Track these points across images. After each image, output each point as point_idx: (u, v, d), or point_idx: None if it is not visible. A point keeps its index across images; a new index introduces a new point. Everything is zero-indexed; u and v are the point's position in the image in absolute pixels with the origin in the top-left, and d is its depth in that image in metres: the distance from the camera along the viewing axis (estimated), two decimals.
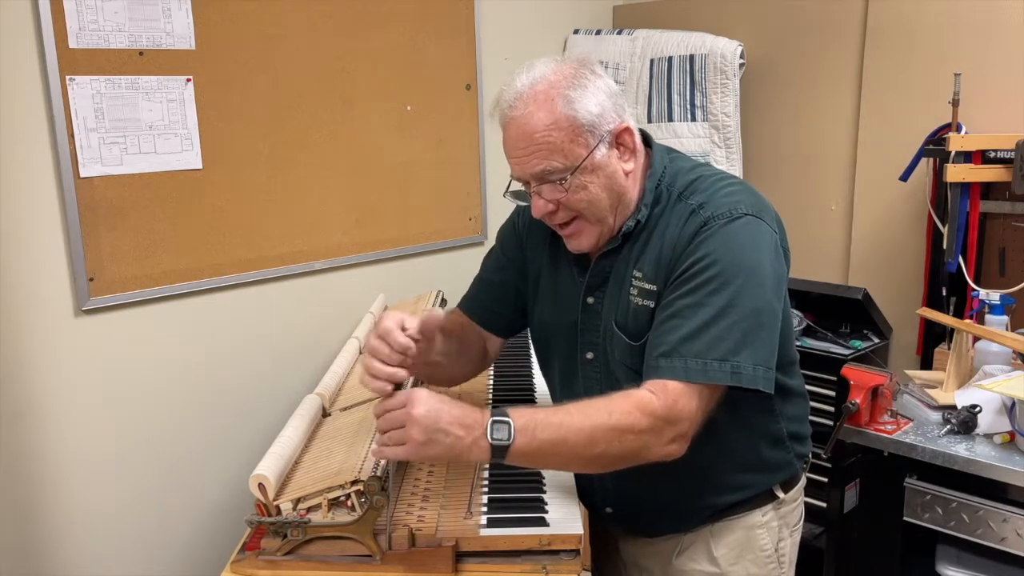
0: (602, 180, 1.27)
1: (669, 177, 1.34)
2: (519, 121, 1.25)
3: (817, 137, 2.68)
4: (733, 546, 1.39)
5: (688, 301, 1.22)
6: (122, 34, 1.91)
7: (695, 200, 1.28)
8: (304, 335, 2.33)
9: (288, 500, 1.28)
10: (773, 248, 1.27)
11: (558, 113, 1.23)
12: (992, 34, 2.26)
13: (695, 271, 1.23)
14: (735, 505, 1.39)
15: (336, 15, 2.27)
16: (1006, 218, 2.27)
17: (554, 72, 1.26)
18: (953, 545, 1.96)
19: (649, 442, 1.18)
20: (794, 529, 1.48)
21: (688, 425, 1.20)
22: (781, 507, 1.42)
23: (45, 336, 1.88)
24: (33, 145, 1.82)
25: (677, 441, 1.20)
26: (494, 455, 1.15)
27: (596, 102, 1.24)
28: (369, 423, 1.48)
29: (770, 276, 1.25)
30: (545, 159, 1.25)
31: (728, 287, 1.20)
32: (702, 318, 1.20)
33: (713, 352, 1.19)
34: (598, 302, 1.38)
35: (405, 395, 1.16)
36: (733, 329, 1.19)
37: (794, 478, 1.45)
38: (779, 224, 1.32)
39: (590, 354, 1.40)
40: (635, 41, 2.85)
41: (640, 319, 1.30)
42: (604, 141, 1.26)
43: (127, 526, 2.05)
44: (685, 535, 1.41)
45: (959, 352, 2.07)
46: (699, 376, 1.18)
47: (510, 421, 1.15)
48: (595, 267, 1.37)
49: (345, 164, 2.35)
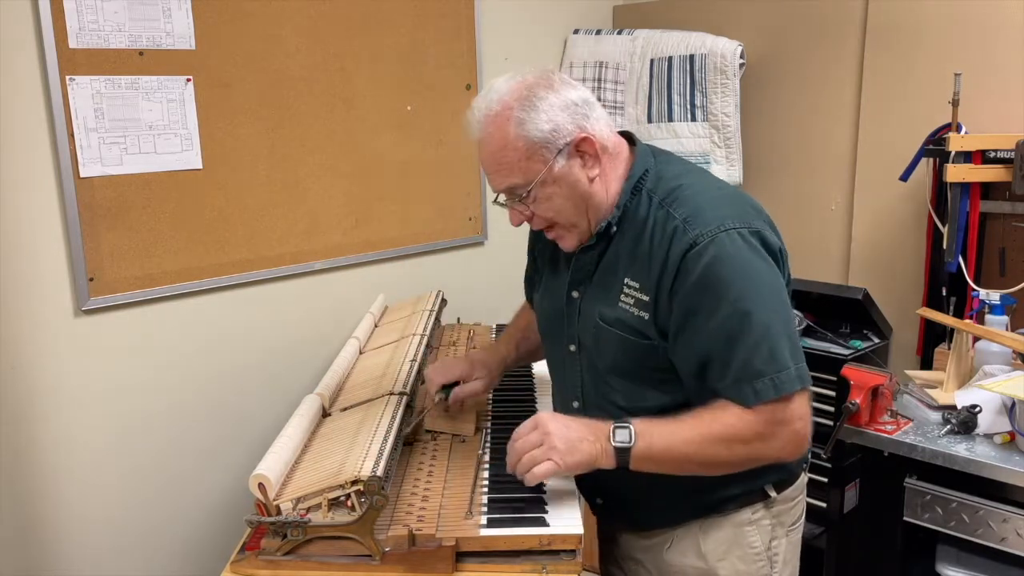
0: (565, 190, 1.32)
1: (651, 181, 1.36)
2: (483, 143, 1.33)
3: (817, 137, 2.68)
4: (721, 542, 1.41)
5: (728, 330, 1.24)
6: (122, 34, 1.91)
7: (678, 213, 1.29)
8: (304, 335, 2.33)
9: (288, 500, 1.28)
10: (769, 250, 1.29)
11: (511, 135, 1.28)
12: (992, 34, 2.26)
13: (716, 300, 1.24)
14: (724, 502, 1.40)
15: (336, 15, 2.27)
16: (1006, 218, 2.27)
17: (508, 92, 1.31)
18: (953, 545, 1.96)
19: (761, 449, 1.27)
20: (791, 528, 1.47)
21: (800, 424, 1.27)
22: (774, 506, 1.43)
23: (45, 336, 1.88)
24: (33, 145, 1.83)
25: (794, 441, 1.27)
26: (619, 458, 1.25)
27: (547, 119, 1.27)
28: (370, 423, 1.48)
29: (777, 276, 1.29)
30: (507, 177, 1.32)
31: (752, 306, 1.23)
32: (751, 341, 1.23)
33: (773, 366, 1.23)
34: (581, 297, 1.42)
35: (532, 421, 1.29)
36: (779, 338, 1.24)
37: (789, 478, 1.45)
38: (771, 225, 1.34)
39: (573, 347, 1.45)
40: (635, 41, 2.85)
41: (634, 325, 1.33)
42: (562, 153, 1.29)
43: (127, 526, 2.05)
44: (676, 530, 1.43)
45: (959, 352, 2.07)
46: (771, 393, 1.23)
47: (630, 426, 1.26)
48: (575, 262, 1.42)
49: (345, 164, 2.35)
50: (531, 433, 1.27)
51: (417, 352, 1.85)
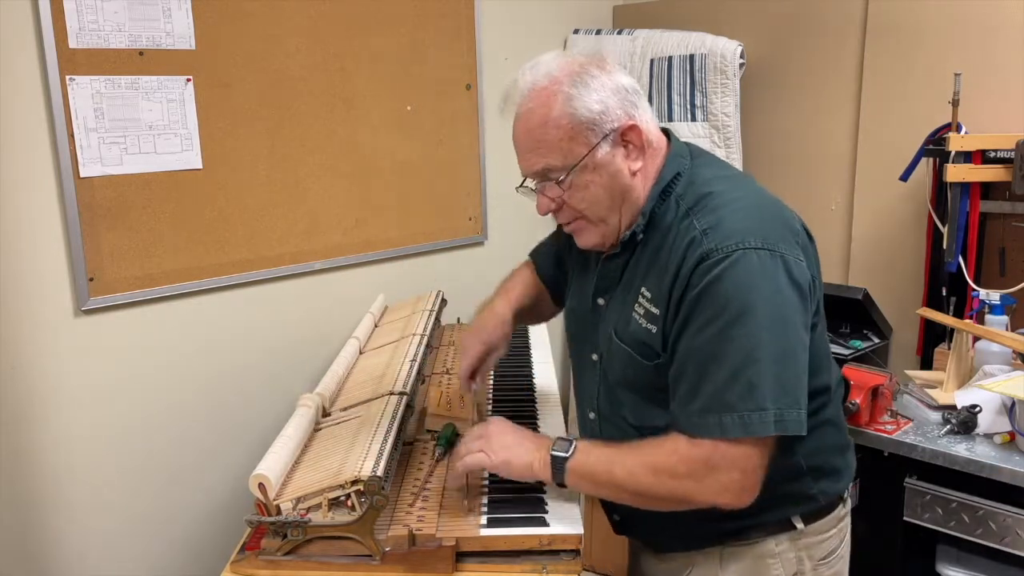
0: (604, 179, 1.24)
1: (682, 186, 1.27)
2: (522, 118, 1.24)
3: (817, 137, 2.68)
4: (741, 573, 1.33)
5: (709, 351, 1.15)
6: (122, 34, 1.91)
7: (701, 222, 1.20)
8: (304, 335, 2.33)
9: (288, 500, 1.28)
10: (789, 277, 1.17)
11: (557, 111, 1.20)
12: (992, 34, 2.26)
13: (707, 318, 1.15)
14: (746, 529, 1.31)
15: (336, 15, 2.27)
16: (1006, 218, 2.27)
17: (559, 68, 1.23)
18: (953, 545, 1.96)
19: (690, 489, 1.17)
20: (820, 563, 1.36)
21: (739, 475, 1.15)
22: (802, 538, 1.33)
23: (45, 336, 1.88)
24: (33, 145, 1.82)
25: (731, 490, 1.16)
26: (555, 468, 1.24)
27: (598, 99, 1.20)
28: (370, 423, 1.48)
29: (791, 308, 1.17)
30: (544, 157, 1.23)
31: (745, 330, 1.13)
32: (727, 368, 1.13)
33: (748, 403, 1.12)
34: (606, 305, 1.36)
35: (482, 424, 1.35)
36: (764, 374, 1.13)
37: (822, 510, 1.35)
38: (803, 248, 1.23)
39: (595, 355, 1.39)
40: (635, 41, 2.85)
41: (641, 338, 1.27)
42: (607, 139, 1.22)
43: (127, 526, 2.05)
44: (696, 555, 1.36)
45: (959, 352, 2.07)
46: (737, 431, 1.13)
47: (574, 441, 1.26)
48: (602, 269, 1.36)
49: (345, 164, 2.35)
50: (477, 432, 1.34)
51: (417, 352, 1.85)
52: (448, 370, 1.95)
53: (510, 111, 1.27)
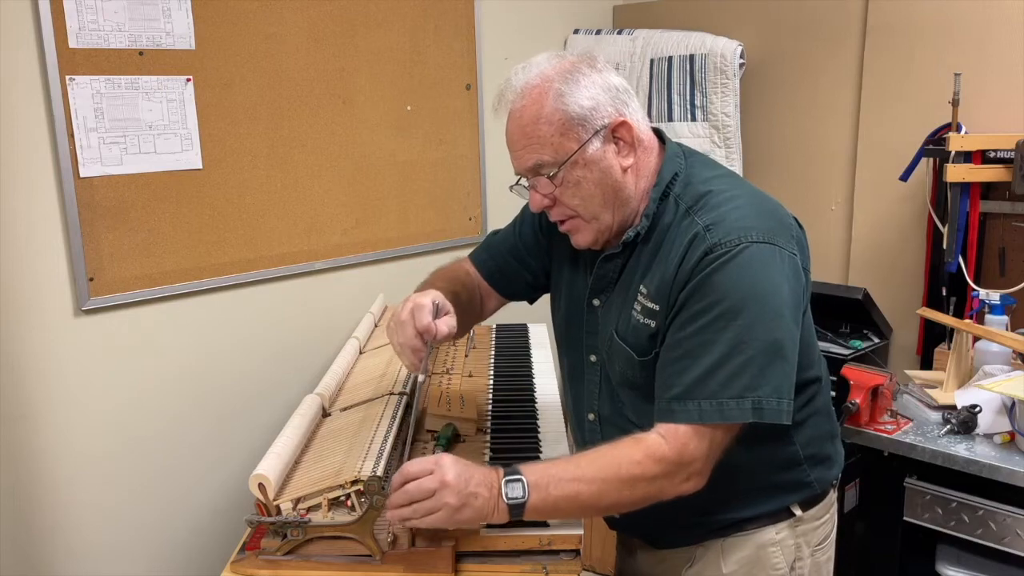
0: (595, 175, 1.25)
1: (679, 186, 1.29)
2: (514, 115, 1.26)
3: (817, 137, 2.68)
4: (743, 563, 1.34)
5: (698, 340, 1.17)
6: (122, 34, 1.91)
7: (702, 219, 1.22)
8: (304, 335, 2.33)
9: (288, 500, 1.27)
10: (790, 271, 1.21)
11: (549, 107, 1.22)
12: (992, 34, 2.26)
13: (702, 308, 1.18)
14: (746, 520, 1.33)
15: (336, 15, 2.28)
16: (1006, 218, 2.27)
17: (551, 67, 1.25)
18: (953, 545, 1.96)
19: (663, 486, 1.18)
20: (817, 548, 1.40)
21: (702, 463, 1.18)
22: (799, 525, 1.36)
23: (45, 336, 1.88)
24: (33, 145, 1.83)
25: (692, 479, 1.18)
26: (512, 513, 1.15)
27: (589, 96, 1.22)
28: (370, 423, 1.48)
29: (787, 303, 1.19)
30: (536, 153, 1.24)
31: (739, 321, 1.15)
32: (714, 356, 1.16)
33: (728, 391, 1.15)
34: (602, 306, 1.37)
35: (432, 461, 1.15)
36: (750, 364, 1.15)
37: (817, 496, 1.38)
38: (798, 241, 1.26)
39: (593, 357, 1.39)
40: (635, 41, 2.85)
41: (640, 336, 1.27)
42: (598, 135, 1.23)
43: (127, 526, 2.05)
44: (696, 548, 1.38)
45: (959, 352, 2.07)
46: (714, 417, 1.15)
47: (523, 478, 1.15)
48: (598, 270, 1.35)
49: (345, 164, 2.35)
50: (427, 478, 1.13)
51: None
52: (448, 370, 1.95)
53: (503, 110, 1.29)
